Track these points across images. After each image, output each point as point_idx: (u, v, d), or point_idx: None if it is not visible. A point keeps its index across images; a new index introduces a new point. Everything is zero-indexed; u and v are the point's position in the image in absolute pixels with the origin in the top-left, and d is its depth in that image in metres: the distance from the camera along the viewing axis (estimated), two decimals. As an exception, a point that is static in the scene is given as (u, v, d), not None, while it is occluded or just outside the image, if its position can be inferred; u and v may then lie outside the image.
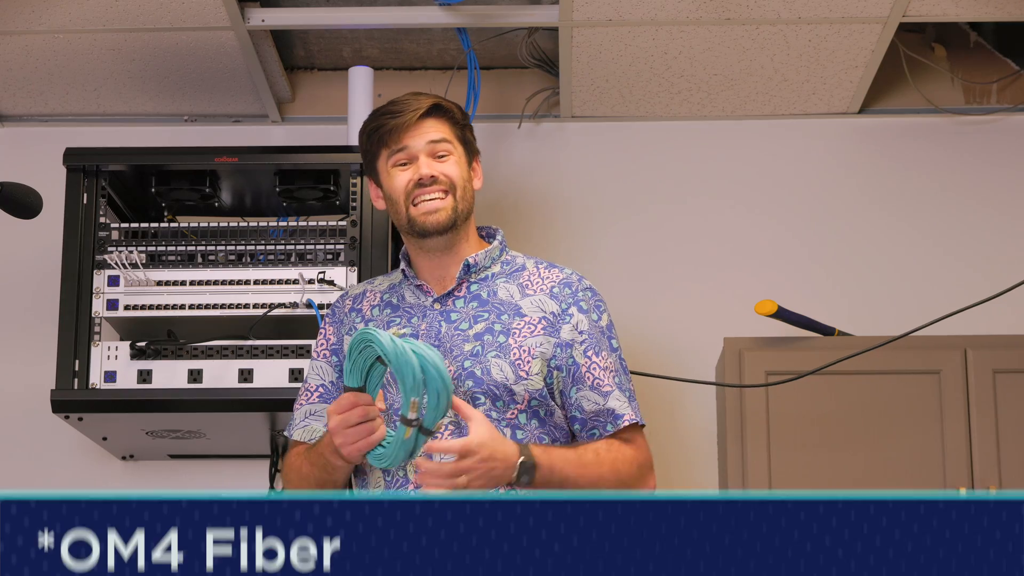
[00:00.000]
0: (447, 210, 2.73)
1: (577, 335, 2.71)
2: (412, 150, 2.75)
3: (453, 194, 2.74)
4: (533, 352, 2.68)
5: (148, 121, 4.01)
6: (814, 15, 3.48)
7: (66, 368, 3.30)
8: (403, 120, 2.74)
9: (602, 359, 2.71)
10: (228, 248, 3.39)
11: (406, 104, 2.76)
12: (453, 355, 2.69)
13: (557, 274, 2.80)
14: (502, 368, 2.66)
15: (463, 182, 2.76)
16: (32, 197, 2.98)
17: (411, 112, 2.74)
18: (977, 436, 3.46)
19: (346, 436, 2.51)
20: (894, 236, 3.93)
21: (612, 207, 3.95)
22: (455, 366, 2.68)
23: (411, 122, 2.74)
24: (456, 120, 2.79)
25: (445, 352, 2.70)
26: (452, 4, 3.52)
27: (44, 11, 3.46)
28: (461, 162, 2.78)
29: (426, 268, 2.80)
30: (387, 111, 2.78)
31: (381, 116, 2.78)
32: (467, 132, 2.82)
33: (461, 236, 2.77)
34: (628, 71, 3.76)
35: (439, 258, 2.78)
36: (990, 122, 3.99)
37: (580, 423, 2.71)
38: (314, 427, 2.84)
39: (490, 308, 2.74)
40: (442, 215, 2.73)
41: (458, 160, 2.77)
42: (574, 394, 2.70)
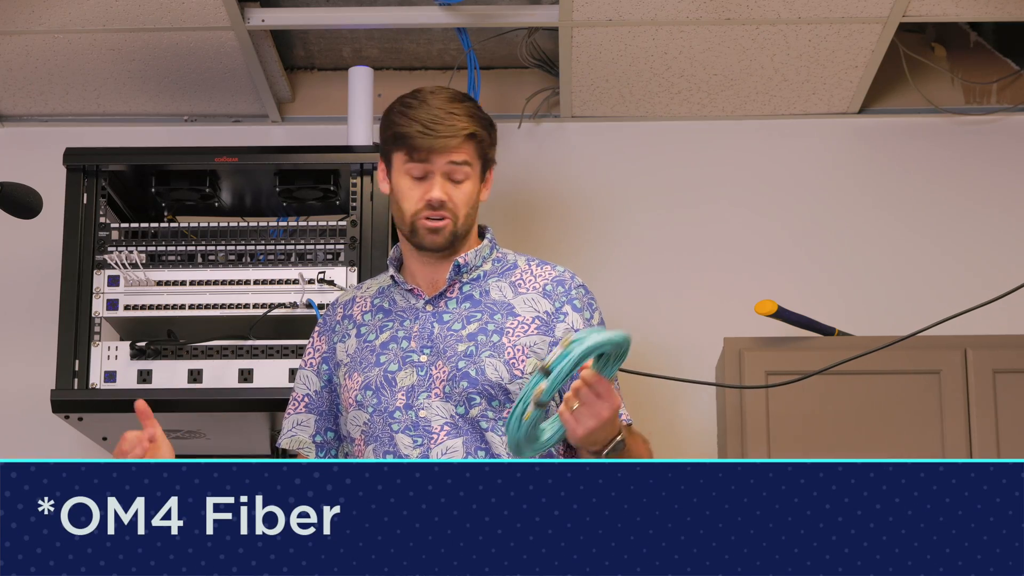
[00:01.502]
0: (446, 234, 2.72)
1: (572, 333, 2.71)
2: (431, 167, 2.71)
3: (455, 221, 2.72)
4: (527, 351, 2.68)
5: (148, 121, 4.01)
6: (814, 15, 3.48)
7: (66, 368, 3.30)
8: (435, 144, 2.66)
9: None
10: (228, 248, 3.39)
11: (443, 126, 2.66)
12: (447, 356, 2.69)
13: (549, 271, 2.80)
14: (496, 367, 2.66)
15: (469, 207, 2.74)
16: (32, 197, 2.97)
17: (444, 138, 2.66)
18: (977, 436, 3.46)
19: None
20: (894, 236, 3.93)
21: (612, 207, 3.95)
22: (449, 367, 2.68)
23: (446, 147, 2.68)
24: (484, 143, 2.73)
25: (438, 353, 2.69)
26: (452, 4, 3.52)
27: (44, 11, 3.46)
28: (474, 182, 2.75)
29: (419, 271, 2.80)
30: (422, 124, 2.67)
31: (412, 123, 2.68)
32: (490, 151, 2.75)
33: (459, 247, 2.77)
34: (628, 71, 3.75)
35: (432, 264, 2.78)
36: (990, 122, 3.99)
37: None
38: (300, 438, 2.84)
39: (483, 308, 2.74)
40: (440, 238, 2.72)
41: (472, 181, 2.75)
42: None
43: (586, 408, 2.41)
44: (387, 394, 2.69)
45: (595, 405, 2.41)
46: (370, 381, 2.72)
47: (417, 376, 2.69)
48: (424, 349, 2.71)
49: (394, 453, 2.68)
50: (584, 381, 2.39)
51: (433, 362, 2.69)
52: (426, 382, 2.69)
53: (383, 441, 2.69)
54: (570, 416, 2.41)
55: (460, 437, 2.66)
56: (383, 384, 2.71)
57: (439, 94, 2.74)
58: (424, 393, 2.68)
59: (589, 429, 2.42)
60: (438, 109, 2.69)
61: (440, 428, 2.66)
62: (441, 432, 2.66)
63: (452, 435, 2.65)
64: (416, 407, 2.68)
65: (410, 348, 2.72)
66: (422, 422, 2.67)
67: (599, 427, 2.43)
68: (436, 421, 2.67)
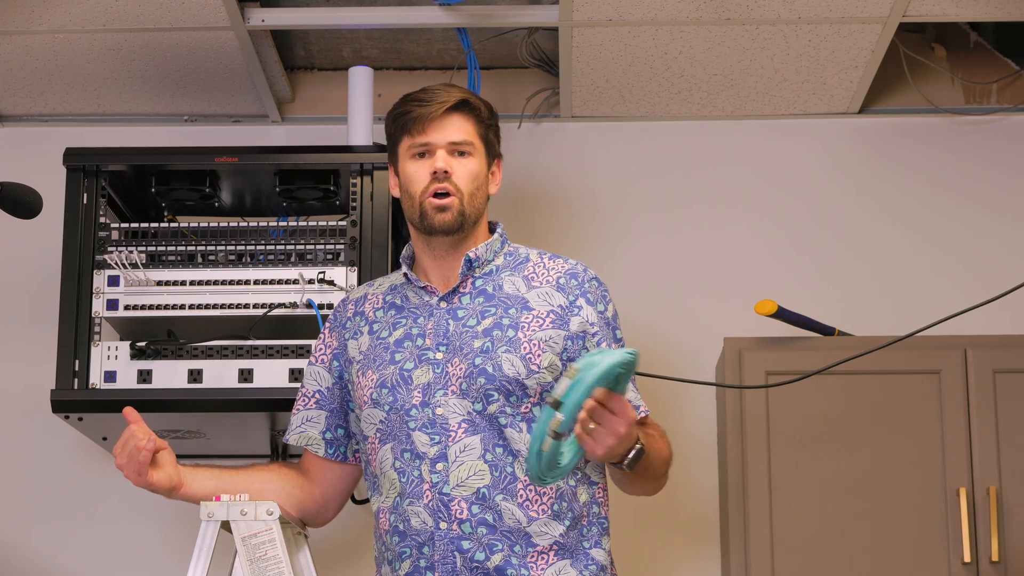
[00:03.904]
0: (454, 211, 2.73)
1: (588, 327, 2.72)
2: (432, 145, 2.74)
3: (461, 199, 2.73)
4: (543, 346, 2.69)
5: (148, 121, 4.01)
6: (814, 15, 3.48)
7: (66, 368, 3.30)
8: (429, 111, 2.72)
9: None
10: (228, 248, 3.39)
11: (435, 95, 2.75)
12: (463, 352, 2.69)
13: (562, 264, 2.80)
14: (513, 363, 2.67)
15: (475, 186, 2.75)
16: (32, 197, 2.98)
17: (438, 104, 2.73)
18: (977, 436, 3.46)
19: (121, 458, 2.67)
20: (894, 236, 3.93)
21: (612, 207, 3.95)
22: (466, 364, 2.68)
23: (436, 114, 2.73)
24: (482, 119, 2.78)
25: (455, 350, 2.70)
26: (452, 4, 3.53)
27: (44, 11, 3.46)
28: (480, 162, 2.77)
29: (431, 267, 2.80)
30: (416, 98, 2.76)
31: (409, 103, 2.77)
32: (491, 133, 2.80)
33: (469, 239, 2.77)
34: (628, 71, 3.76)
35: (444, 258, 2.78)
36: (990, 122, 3.99)
37: None
38: (309, 434, 2.85)
39: (497, 303, 2.74)
40: (448, 215, 2.73)
41: (478, 160, 2.76)
42: None
43: (603, 427, 2.42)
44: (403, 392, 2.70)
45: (611, 423, 2.43)
46: (385, 379, 2.73)
47: (433, 373, 2.70)
48: (440, 346, 2.72)
49: (412, 451, 2.69)
50: (597, 401, 2.40)
51: (449, 359, 2.70)
52: (442, 379, 2.69)
53: (400, 439, 2.70)
54: (588, 437, 2.42)
55: (478, 434, 2.66)
56: (399, 382, 2.71)
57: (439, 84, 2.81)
58: (441, 390, 2.68)
59: (608, 447, 2.44)
60: (434, 88, 2.77)
61: (458, 425, 2.66)
62: (459, 429, 2.66)
63: (469, 432, 2.66)
64: (433, 404, 2.68)
65: (425, 345, 2.73)
66: (439, 420, 2.67)
67: (617, 444, 2.44)
68: (453, 418, 2.67)
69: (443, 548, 2.63)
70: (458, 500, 2.63)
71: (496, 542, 2.63)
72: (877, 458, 3.47)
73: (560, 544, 2.66)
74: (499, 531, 2.63)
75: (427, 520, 2.64)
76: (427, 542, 2.64)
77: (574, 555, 2.67)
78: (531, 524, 2.64)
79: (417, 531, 2.65)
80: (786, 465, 3.48)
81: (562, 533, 2.66)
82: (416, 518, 2.65)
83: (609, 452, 2.46)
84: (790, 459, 3.48)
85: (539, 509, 2.65)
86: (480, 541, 2.62)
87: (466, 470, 2.64)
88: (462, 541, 2.63)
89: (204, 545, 2.72)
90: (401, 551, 2.67)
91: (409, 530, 2.66)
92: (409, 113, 2.74)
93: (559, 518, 2.66)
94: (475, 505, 2.63)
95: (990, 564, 3.39)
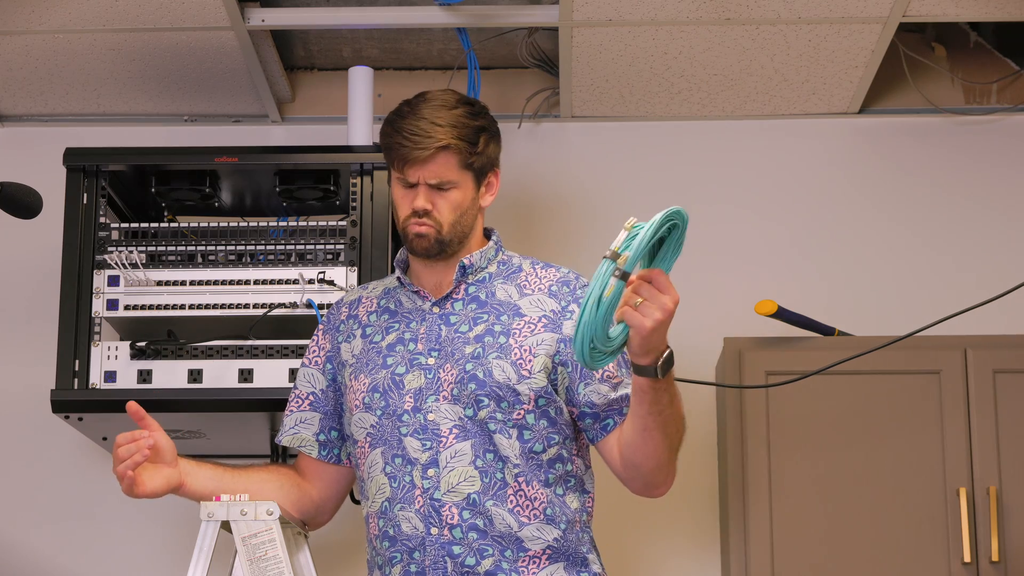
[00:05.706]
0: (430, 240, 2.72)
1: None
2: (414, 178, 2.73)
3: (439, 230, 2.72)
4: (535, 350, 2.68)
5: (148, 121, 4.01)
6: (814, 15, 3.48)
7: (66, 368, 3.30)
8: (412, 154, 2.69)
9: None
10: (228, 248, 3.39)
11: (420, 133, 2.68)
12: (455, 358, 2.69)
13: (554, 273, 2.81)
14: (504, 369, 2.67)
15: (458, 213, 2.73)
16: (32, 197, 2.98)
17: (419, 150, 2.68)
18: (977, 436, 3.46)
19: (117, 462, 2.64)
20: (894, 236, 3.93)
21: (612, 207, 3.95)
22: (457, 369, 2.68)
23: (420, 158, 2.69)
24: (471, 150, 2.72)
25: (446, 356, 2.70)
26: (452, 4, 3.53)
27: (44, 11, 3.46)
28: (465, 190, 2.74)
29: (423, 273, 2.81)
30: (404, 133, 2.70)
31: (397, 132, 2.71)
32: (485, 153, 2.74)
33: (460, 252, 2.77)
34: (628, 71, 3.76)
35: (435, 266, 2.79)
36: (990, 122, 3.99)
37: (592, 416, 2.71)
38: (303, 435, 2.85)
39: (489, 309, 2.74)
40: (425, 243, 2.73)
41: (462, 191, 2.74)
42: (582, 389, 2.70)
43: (650, 302, 2.37)
44: (395, 396, 2.70)
45: (659, 297, 2.38)
46: (377, 383, 2.72)
47: (425, 379, 2.70)
48: (432, 352, 2.72)
49: (403, 456, 2.69)
50: (642, 278, 2.36)
51: (441, 365, 2.70)
52: (434, 385, 2.69)
53: (392, 444, 2.70)
54: (635, 312, 2.36)
55: (469, 440, 2.66)
56: (391, 386, 2.71)
57: (434, 101, 2.74)
58: (432, 396, 2.68)
59: (657, 321, 2.36)
60: (422, 119, 2.70)
61: (449, 431, 2.66)
62: (450, 435, 2.66)
63: (460, 438, 2.66)
64: (424, 410, 2.68)
65: (417, 350, 2.73)
66: (431, 425, 2.67)
67: (666, 319, 2.38)
68: (445, 424, 2.67)
69: (434, 553, 2.63)
70: (449, 506, 2.63)
71: (487, 547, 2.63)
72: (877, 458, 3.47)
73: (555, 548, 2.65)
74: (489, 536, 2.63)
75: (418, 525, 2.64)
76: (418, 547, 2.65)
77: (569, 559, 2.67)
78: (523, 529, 2.64)
79: (408, 536, 2.65)
80: (786, 465, 3.48)
81: (556, 538, 2.66)
82: (407, 523, 2.65)
83: (655, 331, 2.37)
84: (790, 459, 3.48)
85: (531, 514, 2.65)
86: (471, 546, 2.63)
87: (457, 476, 2.64)
88: (453, 546, 2.63)
89: (204, 545, 2.72)
90: (391, 556, 2.67)
91: (400, 535, 2.66)
92: (394, 149, 2.71)
93: (554, 522, 2.66)
94: (466, 511, 2.63)
95: (990, 564, 3.39)
